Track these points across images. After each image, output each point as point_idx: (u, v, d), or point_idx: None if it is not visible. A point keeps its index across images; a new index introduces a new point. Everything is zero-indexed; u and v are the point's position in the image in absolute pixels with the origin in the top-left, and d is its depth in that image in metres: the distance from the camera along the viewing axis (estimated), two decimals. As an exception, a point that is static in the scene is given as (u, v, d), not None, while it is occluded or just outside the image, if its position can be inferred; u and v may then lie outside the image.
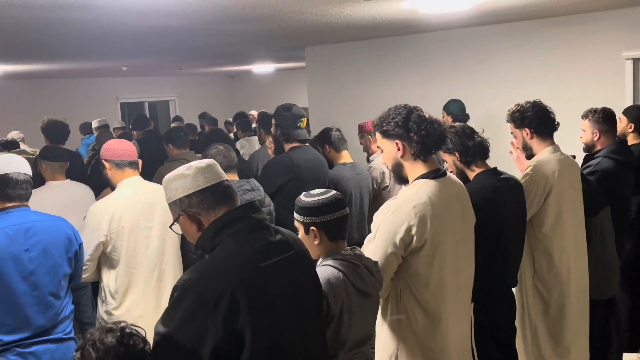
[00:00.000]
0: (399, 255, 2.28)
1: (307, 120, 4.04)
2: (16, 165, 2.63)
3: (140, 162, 3.16)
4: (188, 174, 1.79)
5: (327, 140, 4.21)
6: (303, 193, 2.21)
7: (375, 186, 4.24)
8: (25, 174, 2.65)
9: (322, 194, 2.16)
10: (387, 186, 4.21)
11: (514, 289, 3.05)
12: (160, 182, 3.43)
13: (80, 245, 2.85)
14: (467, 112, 5.24)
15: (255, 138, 6.71)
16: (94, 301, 4.32)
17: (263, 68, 11.47)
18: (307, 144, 3.76)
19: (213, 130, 6.11)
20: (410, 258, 2.30)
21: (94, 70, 9.58)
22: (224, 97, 13.97)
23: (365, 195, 4.13)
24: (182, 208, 1.79)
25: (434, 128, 2.29)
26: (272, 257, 1.72)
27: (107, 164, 3.08)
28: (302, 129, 3.71)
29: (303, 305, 1.78)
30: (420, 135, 2.27)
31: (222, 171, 1.86)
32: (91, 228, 2.97)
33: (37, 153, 4.56)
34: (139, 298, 3.07)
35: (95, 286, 4.30)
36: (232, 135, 8.34)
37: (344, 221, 2.16)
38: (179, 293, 1.63)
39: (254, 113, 10.02)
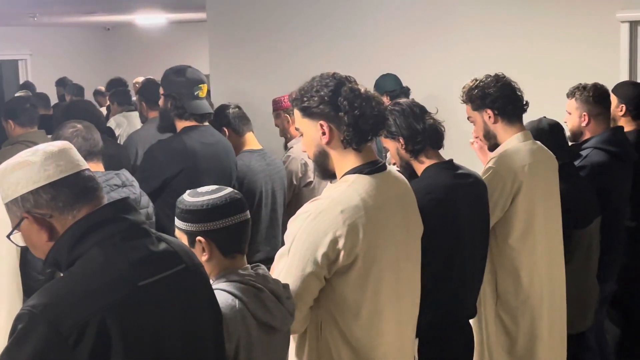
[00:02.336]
0: (320, 276, 2.27)
1: (208, 89, 3.99)
2: None
3: None
4: (33, 161, 1.75)
5: (224, 121, 4.21)
6: (187, 191, 2.21)
7: (295, 181, 4.26)
8: None
9: (212, 192, 2.17)
10: (310, 182, 4.25)
11: (471, 321, 3.10)
12: None
13: None
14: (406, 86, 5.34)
15: (136, 114, 6.59)
16: None
17: (150, 19, 11.30)
18: (207, 123, 3.72)
19: (74, 103, 5.96)
20: (335, 280, 2.29)
21: None
22: (95, 58, 13.71)
23: (280, 193, 4.14)
24: (25, 209, 1.75)
25: (371, 106, 2.29)
26: (154, 274, 1.72)
27: None
28: (201, 98, 3.69)
29: (197, 338, 1.79)
30: (353, 115, 2.27)
31: (80, 157, 1.84)
32: None
33: None
34: None
35: None
36: (104, 109, 8.15)
37: (242, 229, 2.17)
38: (25, 324, 1.59)
39: (140, 80, 9.85)
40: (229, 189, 2.19)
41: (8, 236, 1.80)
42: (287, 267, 2.28)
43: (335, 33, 6.20)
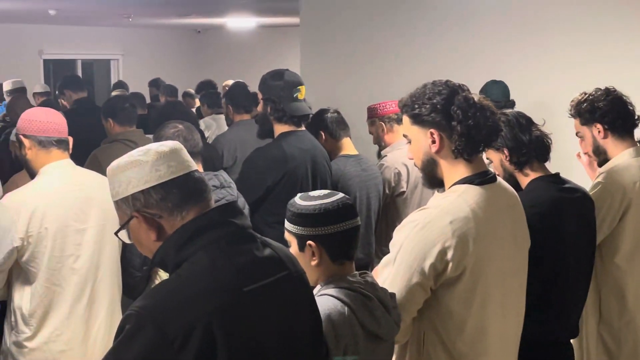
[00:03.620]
0: (426, 287, 2.25)
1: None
2: None
3: (71, 140, 3.15)
4: (145, 160, 1.78)
5: (322, 125, 4.22)
6: (298, 195, 2.21)
7: (387, 190, 4.23)
8: None
9: (325, 196, 2.17)
10: (403, 192, 4.22)
11: (572, 341, 3.03)
12: (94, 169, 3.44)
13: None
14: (511, 97, 5.22)
15: (224, 117, 6.68)
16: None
17: (241, 22, 11.46)
18: (303, 128, 3.75)
19: (170, 103, 6.09)
20: (441, 292, 2.27)
21: (10, 12, 9.49)
22: (185, 59, 13.99)
23: (374, 200, 4.13)
24: (135, 208, 1.78)
25: (485, 116, 2.27)
26: (259, 279, 1.73)
27: (26, 142, 3.07)
28: (300, 101, 3.69)
29: (298, 345, 1.79)
30: (466, 125, 2.25)
31: (190, 158, 1.86)
32: (2, 228, 2.94)
33: None
34: (62, 326, 3.05)
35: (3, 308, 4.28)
36: (193, 111, 8.29)
37: (352, 236, 2.17)
38: (133, 325, 1.61)
39: (230, 84, 10.00)
40: (341, 194, 2.19)
41: (116, 233, 1.83)
42: (392, 277, 2.27)
43: (433, 39, 6.13)
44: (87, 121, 5.62)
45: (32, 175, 3.11)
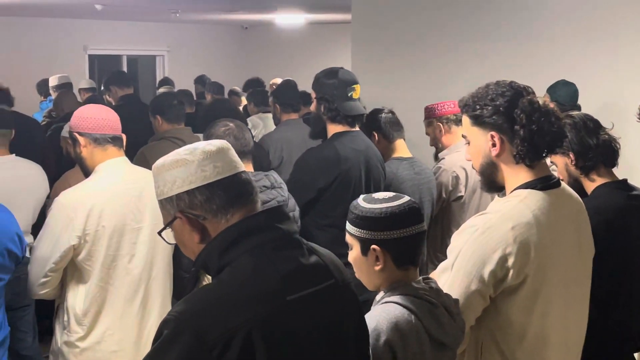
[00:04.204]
0: (485, 294, 2.25)
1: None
2: None
3: (124, 137, 3.20)
4: (191, 160, 1.79)
5: (375, 126, 4.22)
6: (362, 196, 2.21)
7: (444, 195, 4.21)
8: None
9: (391, 199, 2.17)
10: (460, 196, 4.18)
11: (636, 355, 3.02)
12: (141, 164, 3.48)
13: (25, 249, 2.86)
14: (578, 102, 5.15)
15: (271, 116, 6.72)
16: (36, 327, 4.40)
17: (290, 18, 11.48)
18: (357, 128, 3.76)
19: (218, 101, 6.12)
20: (500, 300, 2.27)
21: (55, 7, 9.66)
22: (232, 56, 14.08)
23: (427, 204, 4.11)
24: (179, 208, 1.79)
25: (549, 122, 2.25)
26: (303, 288, 1.73)
27: (81, 139, 3.11)
28: (354, 100, 3.69)
29: (341, 358, 1.79)
30: (530, 130, 2.24)
31: (238, 159, 1.86)
32: (59, 225, 2.99)
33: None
34: (114, 326, 3.09)
35: (41, 307, 4.37)
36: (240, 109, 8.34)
37: (418, 241, 2.16)
38: (171, 330, 1.62)
39: (278, 82, 10.07)
40: (407, 198, 2.18)
41: (159, 233, 1.84)
42: (449, 283, 2.27)
43: (495, 38, 6.04)
44: (134, 118, 5.71)
45: (87, 173, 3.15)
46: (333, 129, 3.71)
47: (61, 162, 4.71)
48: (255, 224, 1.75)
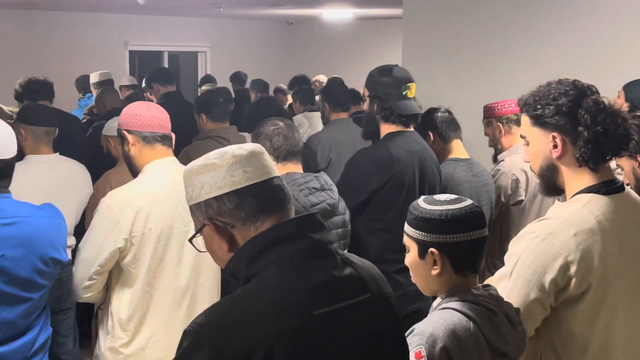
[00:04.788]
0: (546, 304, 2.25)
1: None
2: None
3: (174, 136, 3.22)
4: (220, 164, 1.79)
5: (431, 125, 4.22)
6: (422, 197, 2.22)
7: (503, 199, 4.19)
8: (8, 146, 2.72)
9: (452, 201, 2.17)
10: (520, 200, 4.16)
11: None
12: (186, 164, 3.48)
13: (67, 250, 2.88)
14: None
15: (318, 115, 6.76)
16: (77, 331, 4.46)
17: (338, 13, 11.50)
18: (412, 129, 3.77)
19: (264, 99, 6.17)
20: (562, 309, 2.26)
21: (96, 1, 9.75)
22: (276, 52, 14.14)
23: (486, 208, 4.09)
24: (208, 215, 1.79)
25: (615, 123, 2.24)
26: (333, 302, 1.70)
27: (129, 137, 3.13)
28: (409, 99, 3.70)
29: None
30: (594, 131, 2.23)
31: (271, 163, 1.86)
32: (105, 227, 3.02)
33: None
34: (160, 332, 3.11)
35: (78, 310, 4.43)
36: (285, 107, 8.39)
37: (480, 246, 2.17)
38: (191, 342, 1.63)
39: (321, 79, 10.09)
40: (469, 201, 2.18)
41: (190, 240, 1.85)
42: (507, 292, 2.26)
43: (559, 34, 5.91)
44: (176, 116, 5.76)
45: (135, 172, 3.16)
46: (386, 128, 3.72)
47: (102, 162, 4.78)
48: (285, 232, 1.74)
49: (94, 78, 8.10)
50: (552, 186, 2.38)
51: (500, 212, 4.22)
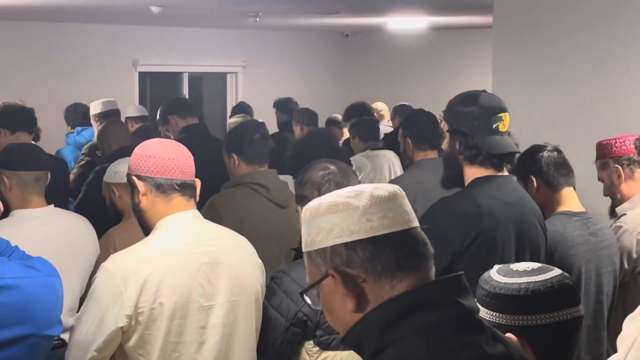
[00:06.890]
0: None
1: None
2: None
3: (198, 184, 3.25)
4: (355, 205, 1.87)
5: (534, 167, 4.22)
6: (496, 267, 2.25)
7: (626, 264, 4.18)
8: None
9: (534, 271, 2.20)
10: (649, 267, 4.11)
11: None
12: (211, 219, 3.53)
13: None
14: None
15: (385, 153, 6.75)
16: None
17: (408, 22, 11.55)
18: (507, 172, 3.75)
19: (311, 135, 6.18)
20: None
21: (98, 9, 9.84)
22: (328, 72, 14.20)
23: (608, 277, 4.11)
24: (333, 264, 1.87)
25: None
26: None
27: (140, 185, 3.17)
28: (501, 134, 3.70)
29: None
30: None
31: (412, 210, 1.93)
32: (105, 300, 3.04)
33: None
34: None
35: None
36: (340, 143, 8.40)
37: (574, 330, 2.19)
38: None
39: (381, 107, 10.11)
40: (557, 271, 2.20)
41: (302, 292, 1.91)
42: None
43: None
44: (200, 156, 5.77)
45: (146, 230, 3.19)
46: (472, 172, 3.71)
47: (101, 215, 4.80)
48: (430, 296, 1.82)
49: (95, 108, 8.15)
50: None
51: (622, 282, 4.20)
